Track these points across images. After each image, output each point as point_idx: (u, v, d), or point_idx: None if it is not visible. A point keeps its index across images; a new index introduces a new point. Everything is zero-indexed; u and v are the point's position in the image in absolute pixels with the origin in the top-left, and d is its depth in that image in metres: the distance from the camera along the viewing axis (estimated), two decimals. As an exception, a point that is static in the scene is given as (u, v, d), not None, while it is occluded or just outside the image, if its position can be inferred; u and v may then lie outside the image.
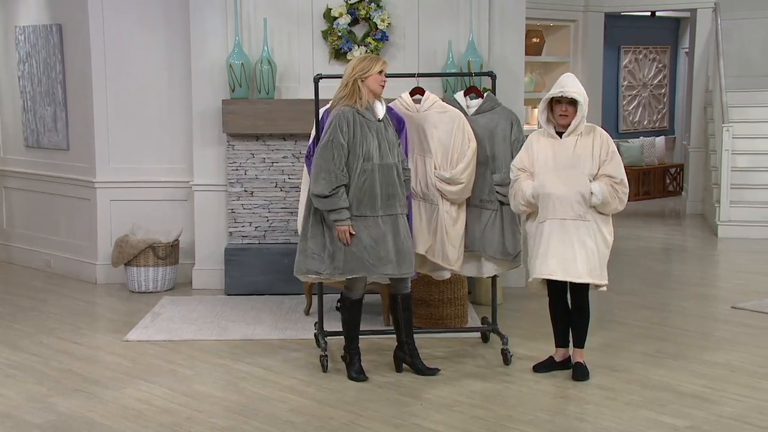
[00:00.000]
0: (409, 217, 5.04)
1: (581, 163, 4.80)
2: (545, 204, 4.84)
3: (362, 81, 4.82)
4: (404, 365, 5.09)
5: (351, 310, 4.99)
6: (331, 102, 4.95)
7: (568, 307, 5.04)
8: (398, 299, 5.02)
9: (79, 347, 5.65)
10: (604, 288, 4.92)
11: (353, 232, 4.76)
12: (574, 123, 4.80)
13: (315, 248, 4.83)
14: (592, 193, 4.75)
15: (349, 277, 4.84)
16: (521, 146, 5.12)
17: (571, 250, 4.78)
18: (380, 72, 4.84)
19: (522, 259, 5.42)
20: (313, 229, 4.85)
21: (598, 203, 4.77)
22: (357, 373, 4.94)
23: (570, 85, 4.80)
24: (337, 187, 4.73)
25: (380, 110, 4.90)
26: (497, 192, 5.28)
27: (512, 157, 5.16)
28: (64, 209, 7.71)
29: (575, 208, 4.78)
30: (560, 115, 4.83)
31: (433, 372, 5.02)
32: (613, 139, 5.08)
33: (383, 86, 4.88)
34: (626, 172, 4.93)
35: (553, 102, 4.85)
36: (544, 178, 4.84)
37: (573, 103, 4.78)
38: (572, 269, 4.78)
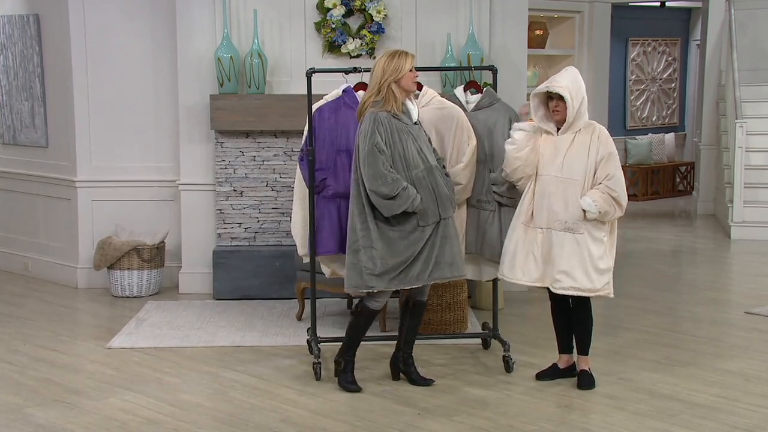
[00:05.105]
0: None
1: (574, 166, 4.82)
2: (540, 209, 4.87)
3: (395, 83, 4.76)
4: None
5: (367, 318, 4.96)
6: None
7: (571, 312, 5.07)
8: (409, 304, 5.04)
9: (59, 355, 5.66)
10: (607, 294, 4.94)
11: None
12: (568, 119, 4.83)
13: (366, 262, 4.76)
14: (584, 210, 4.79)
15: (407, 287, 4.82)
16: None
17: (558, 260, 4.81)
18: (411, 69, 4.79)
19: None
20: (363, 241, 4.77)
21: (595, 217, 4.80)
22: (350, 383, 4.92)
23: (559, 79, 4.83)
24: (400, 182, 4.68)
25: (414, 112, 4.88)
26: (494, 192, 5.29)
27: None
28: (43, 210, 7.71)
29: (566, 220, 4.81)
30: (553, 111, 4.86)
31: (428, 383, 5.03)
32: (620, 136, 5.12)
33: (416, 82, 4.86)
34: (635, 171, 4.97)
35: (548, 97, 4.88)
36: (547, 181, 4.87)
37: (563, 98, 4.82)
38: (558, 279, 4.83)
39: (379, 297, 4.91)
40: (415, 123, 4.88)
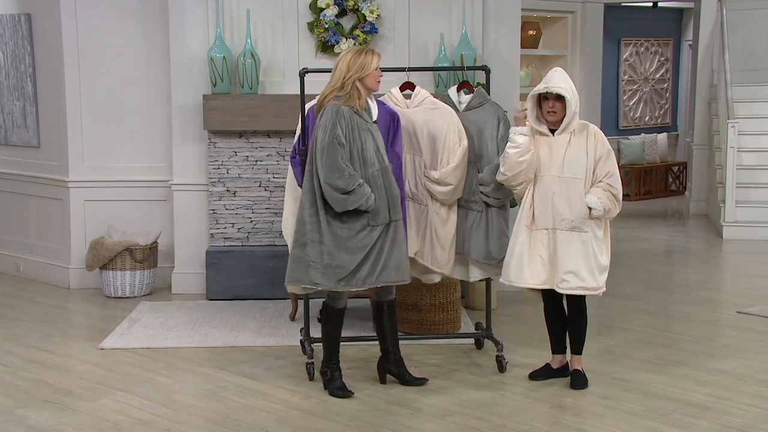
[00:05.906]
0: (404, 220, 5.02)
1: (575, 165, 4.83)
2: (544, 210, 4.87)
3: (360, 80, 4.75)
4: (389, 376, 5.07)
5: (335, 320, 4.94)
6: (320, 98, 4.83)
7: (564, 312, 5.08)
8: (383, 306, 5.01)
9: (51, 356, 5.64)
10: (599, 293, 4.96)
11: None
12: (565, 120, 4.84)
13: (313, 256, 4.74)
14: (590, 208, 4.80)
15: (353, 289, 4.79)
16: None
17: (564, 260, 4.82)
18: (377, 68, 4.79)
19: None
20: (311, 235, 4.74)
21: (600, 214, 4.82)
22: (339, 390, 4.87)
23: (555, 79, 4.82)
24: (356, 177, 4.65)
25: (374, 110, 4.87)
26: (481, 192, 5.29)
27: (499, 155, 5.15)
28: (35, 210, 7.69)
29: (573, 219, 4.82)
30: (548, 112, 4.86)
31: (422, 382, 5.02)
32: (613, 136, 5.13)
33: (380, 81, 4.84)
34: (627, 171, 4.99)
35: (541, 99, 4.88)
36: (549, 181, 4.87)
37: (560, 98, 4.82)
38: (566, 280, 4.83)
39: (340, 296, 4.88)
40: (375, 122, 4.86)
